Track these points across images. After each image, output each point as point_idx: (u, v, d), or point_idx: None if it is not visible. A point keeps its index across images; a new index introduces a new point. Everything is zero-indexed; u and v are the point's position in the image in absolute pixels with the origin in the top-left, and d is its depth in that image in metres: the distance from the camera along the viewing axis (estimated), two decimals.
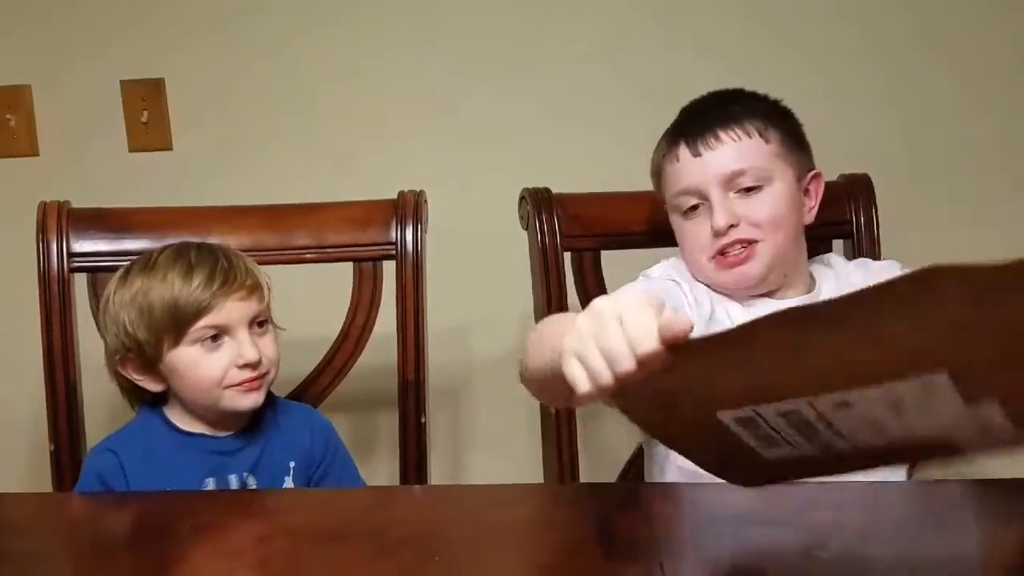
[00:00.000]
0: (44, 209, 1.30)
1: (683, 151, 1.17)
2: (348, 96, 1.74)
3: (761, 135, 1.16)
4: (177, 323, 1.08)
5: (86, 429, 1.31)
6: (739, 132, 1.15)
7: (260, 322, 1.13)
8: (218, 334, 1.09)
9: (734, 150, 1.15)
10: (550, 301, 1.32)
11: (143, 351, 1.10)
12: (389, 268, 1.32)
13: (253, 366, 1.10)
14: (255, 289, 1.12)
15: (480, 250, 1.73)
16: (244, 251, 1.30)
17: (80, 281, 1.31)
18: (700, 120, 1.18)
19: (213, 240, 1.30)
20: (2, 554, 0.89)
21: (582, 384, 0.68)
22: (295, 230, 1.33)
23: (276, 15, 1.72)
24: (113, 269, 1.18)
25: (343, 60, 1.73)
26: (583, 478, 1.36)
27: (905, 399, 0.63)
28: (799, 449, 0.73)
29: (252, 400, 1.11)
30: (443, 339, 1.40)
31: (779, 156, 1.16)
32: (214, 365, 1.09)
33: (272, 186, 1.70)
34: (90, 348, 1.27)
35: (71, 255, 1.30)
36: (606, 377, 0.67)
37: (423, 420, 1.32)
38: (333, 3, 1.72)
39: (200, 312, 1.08)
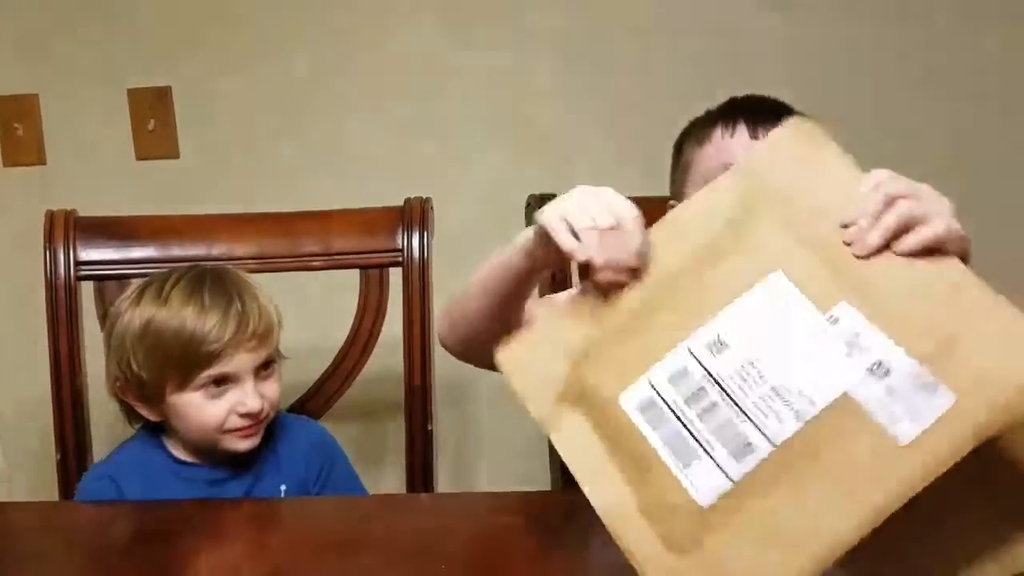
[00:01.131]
0: (51, 217, 1.31)
1: (742, 128, 1.16)
2: (354, 104, 1.74)
3: None
4: (183, 370, 1.07)
5: (92, 437, 1.31)
6: None
7: (267, 363, 1.11)
8: (223, 380, 1.08)
9: None
10: None
11: (144, 388, 1.09)
12: (396, 275, 1.32)
13: (254, 415, 1.09)
14: (267, 336, 1.10)
15: (487, 257, 1.73)
16: (251, 258, 1.31)
17: (87, 289, 1.30)
18: (761, 110, 1.18)
19: (220, 248, 1.30)
20: (7, 562, 0.89)
21: (566, 241, 0.78)
22: (302, 237, 1.33)
23: (282, 23, 1.72)
24: (120, 277, 1.18)
25: (349, 68, 1.74)
26: None
27: (760, 318, 0.69)
28: (715, 457, 0.68)
29: (249, 444, 1.11)
30: None
31: None
32: (215, 412, 1.08)
33: (279, 193, 1.71)
34: (97, 356, 1.27)
35: (78, 263, 1.30)
36: (588, 231, 0.77)
37: (429, 427, 1.31)
38: (338, 11, 1.72)
39: (209, 361, 1.06)
